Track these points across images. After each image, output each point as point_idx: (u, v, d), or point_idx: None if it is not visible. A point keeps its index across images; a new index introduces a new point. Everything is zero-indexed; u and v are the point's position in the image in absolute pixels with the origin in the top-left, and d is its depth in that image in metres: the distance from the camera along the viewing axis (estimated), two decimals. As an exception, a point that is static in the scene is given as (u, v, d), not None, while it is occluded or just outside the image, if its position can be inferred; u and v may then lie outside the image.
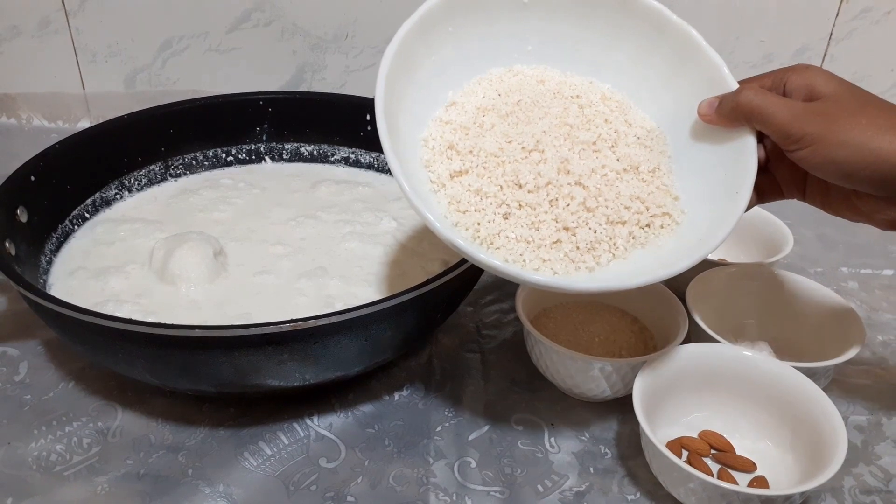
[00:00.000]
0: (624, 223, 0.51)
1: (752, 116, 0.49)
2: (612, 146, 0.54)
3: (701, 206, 0.52)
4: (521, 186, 0.50)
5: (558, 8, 0.56)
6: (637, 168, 0.53)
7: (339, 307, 0.50)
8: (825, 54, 1.00)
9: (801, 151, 0.47)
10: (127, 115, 0.75)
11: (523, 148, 0.52)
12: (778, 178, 0.53)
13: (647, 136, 0.55)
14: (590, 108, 0.55)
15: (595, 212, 0.50)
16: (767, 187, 0.53)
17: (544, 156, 0.52)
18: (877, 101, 0.47)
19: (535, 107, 0.55)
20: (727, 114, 0.50)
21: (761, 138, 0.51)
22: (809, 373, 0.55)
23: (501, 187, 0.50)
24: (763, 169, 0.52)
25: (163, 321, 0.50)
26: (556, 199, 0.50)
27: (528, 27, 0.57)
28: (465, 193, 0.51)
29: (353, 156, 0.83)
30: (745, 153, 0.51)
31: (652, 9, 0.55)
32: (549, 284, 0.48)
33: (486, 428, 0.58)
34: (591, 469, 0.55)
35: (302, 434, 0.57)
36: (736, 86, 0.52)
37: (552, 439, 0.57)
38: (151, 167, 0.78)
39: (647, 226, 0.52)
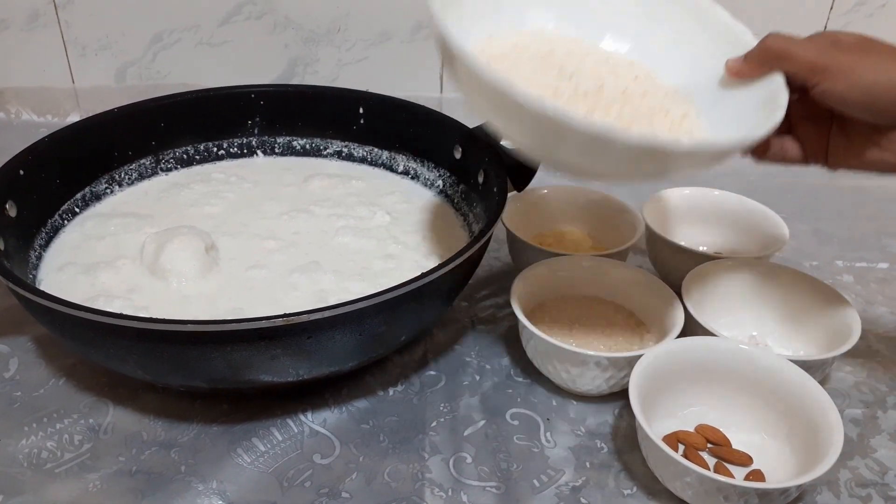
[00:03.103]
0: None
1: (779, 55, 0.50)
2: (643, 95, 0.54)
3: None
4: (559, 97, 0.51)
5: None
6: (667, 112, 0.53)
7: (332, 302, 0.49)
8: (819, 47, 1.00)
9: (826, 82, 0.47)
10: (117, 108, 0.75)
11: (560, 71, 0.52)
12: (802, 140, 0.53)
13: (674, 93, 0.55)
14: (619, 69, 0.56)
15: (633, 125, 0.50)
16: (790, 153, 0.54)
17: (579, 86, 0.52)
18: None
19: (568, 57, 0.55)
20: (755, 58, 0.51)
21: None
22: (805, 366, 0.55)
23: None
24: (787, 133, 0.53)
25: (154, 316, 0.49)
26: (594, 111, 0.50)
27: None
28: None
29: (346, 149, 0.83)
30: (774, 91, 0.50)
31: None
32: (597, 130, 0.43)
33: (482, 423, 0.58)
34: (588, 464, 0.55)
35: (296, 430, 0.57)
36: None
37: (548, 434, 0.57)
38: (142, 161, 0.77)
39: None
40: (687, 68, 0.56)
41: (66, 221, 0.70)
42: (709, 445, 0.55)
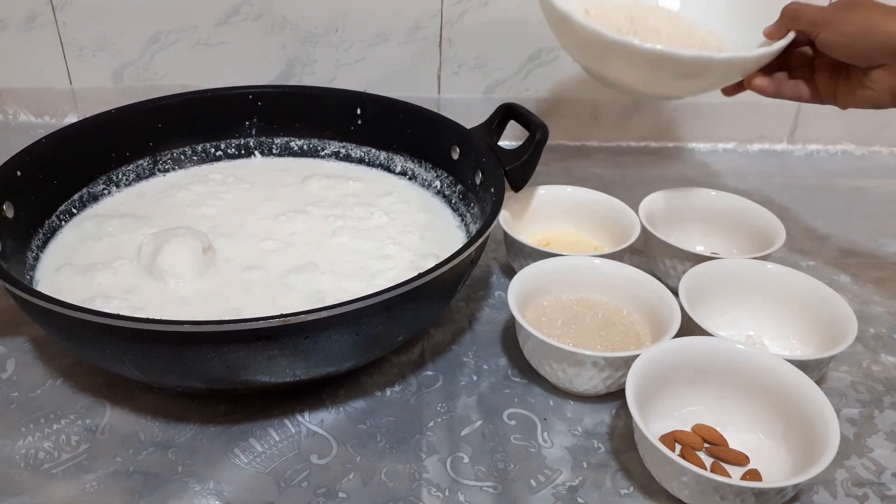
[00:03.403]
0: None
1: (792, 16, 0.65)
2: (689, 36, 0.72)
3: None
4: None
5: None
6: (705, 41, 0.71)
7: (329, 302, 0.49)
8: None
9: (822, 34, 0.62)
10: (114, 109, 0.75)
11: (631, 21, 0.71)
12: (819, 85, 0.67)
13: (711, 36, 0.73)
14: (671, 20, 0.73)
15: None
16: (804, 94, 0.67)
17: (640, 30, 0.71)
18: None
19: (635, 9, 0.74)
20: (779, 21, 0.66)
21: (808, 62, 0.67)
22: (802, 366, 0.55)
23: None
24: (809, 79, 0.67)
25: (151, 317, 0.49)
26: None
27: None
28: None
29: (343, 150, 0.83)
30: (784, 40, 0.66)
31: None
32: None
33: (479, 423, 0.58)
34: (585, 463, 0.55)
35: (293, 430, 0.57)
36: None
37: (545, 434, 0.57)
38: (139, 162, 0.77)
39: None
40: (727, 25, 0.73)
41: (63, 222, 0.70)
42: (705, 445, 0.55)
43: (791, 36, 0.65)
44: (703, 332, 0.59)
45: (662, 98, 0.75)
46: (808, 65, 0.67)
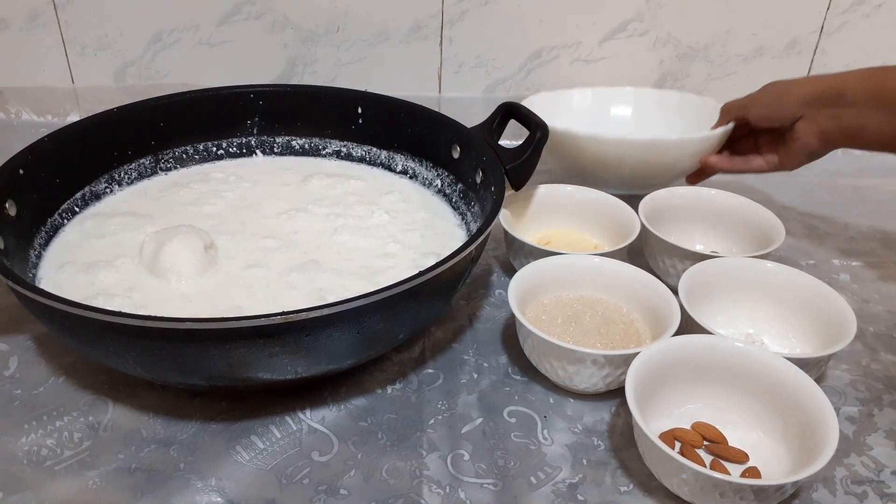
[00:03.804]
0: None
1: (727, 108, 0.83)
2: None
3: None
4: None
5: None
6: None
7: (330, 300, 0.49)
8: (816, 47, 1.00)
9: (750, 112, 0.78)
10: (116, 108, 0.75)
11: None
12: (764, 155, 0.80)
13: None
14: None
15: None
16: (757, 166, 0.80)
17: None
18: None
19: None
20: (722, 116, 0.84)
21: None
22: (801, 364, 0.55)
23: None
24: (756, 153, 0.81)
25: (153, 314, 0.49)
26: None
27: None
28: None
29: (344, 149, 0.83)
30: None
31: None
32: None
33: (479, 420, 0.58)
34: (585, 461, 0.55)
35: (294, 428, 0.57)
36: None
37: (545, 431, 0.57)
38: (141, 161, 0.77)
39: None
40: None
41: (65, 220, 0.70)
42: (705, 443, 0.55)
43: (731, 125, 0.81)
44: (703, 331, 0.59)
45: (640, 188, 0.82)
46: (752, 144, 0.81)
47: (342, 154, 0.83)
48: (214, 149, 0.82)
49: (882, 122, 0.68)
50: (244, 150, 0.83)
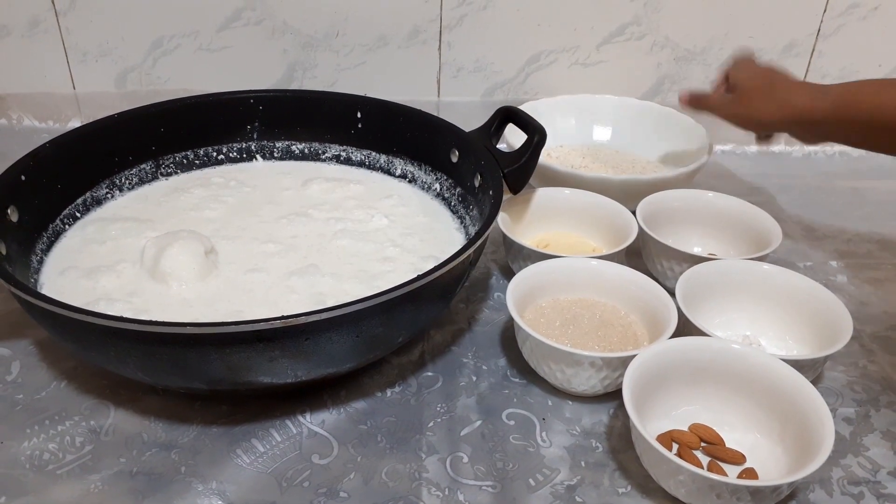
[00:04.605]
0: None
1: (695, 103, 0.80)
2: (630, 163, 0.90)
3: None
4: None
5: None
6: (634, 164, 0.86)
7: (330, 304, 0.50)
8: (813, 50, 1.01)
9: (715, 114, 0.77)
10: (117, 114, 0.75)
11: None
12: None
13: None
14: None
15: None
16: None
17: None
18: (765, 87, 0.73)
19: None
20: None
21: None
22: (798, 366, 0.55)
23: None
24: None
25: (154, 319, 0.50)
26: None
27: None
28: None
29: (344, 153, 0.84)
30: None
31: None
32: None
33: (478, 423, 0.59)
34: (583, 463, 0.55)
35: (294, 431, 0.57)
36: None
37: (544, 434, 0.58)
38: (142, 166, 0.78)
39: None
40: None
41: (67, 226, 0.71)
42: (702, 444, 0.55)
43: (705, 159, 0.83)
44: (700, 333, 0.59)
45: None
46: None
47: (342, 158, 0.84)
48: (215, 154, 0.82)
49: (851, 138, 0.68)
50: (244, 155, 0.83)
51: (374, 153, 0.83)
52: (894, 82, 0.64)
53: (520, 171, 0.69)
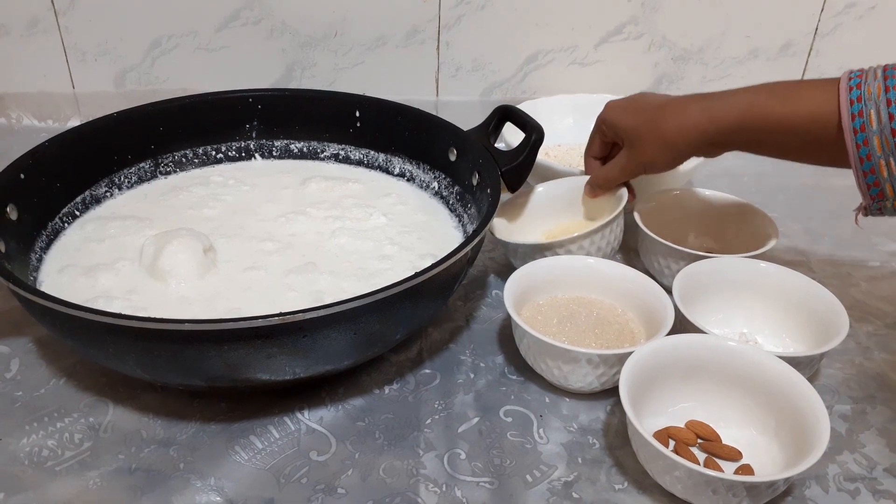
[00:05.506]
0: None
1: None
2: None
3: None
4: None
5: None
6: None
7: (328, 302, 0.50)
8: (810, 49, 1.01)
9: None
10: (116, 113, 0.76)
11: None
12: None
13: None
14: None
15: None
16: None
17: None
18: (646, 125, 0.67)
19: None
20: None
21: None
22: (794, 363, 0.55)
23: None
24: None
25: (153, 316, 0.50)
26: None
27: None
28: None
29: (342, 152, 0.84)
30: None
31: None
32: None
33: (476, 420, 0.59)
34: (580, 459, 0.56)
35: (293, 428, 0.57)
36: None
37: (541, 430, 0.58)
38: (141, 165, 0.78)
39: None
40: None
41: (66, 224, 0.71)
42: (699, 441, 0.56)
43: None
44: (697, 330, 0.59)
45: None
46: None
47: (340, 157, 0.84)
48: (214, 153, 0.83)
49: (757, 147, 0.65)
50: (243, 154, 0.84)
51: (372, 152, 0.83)
52: (791, 86, 0.62)
53: (517, 169, 0.69)
